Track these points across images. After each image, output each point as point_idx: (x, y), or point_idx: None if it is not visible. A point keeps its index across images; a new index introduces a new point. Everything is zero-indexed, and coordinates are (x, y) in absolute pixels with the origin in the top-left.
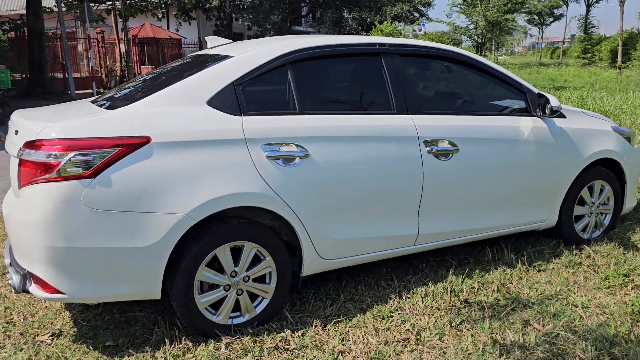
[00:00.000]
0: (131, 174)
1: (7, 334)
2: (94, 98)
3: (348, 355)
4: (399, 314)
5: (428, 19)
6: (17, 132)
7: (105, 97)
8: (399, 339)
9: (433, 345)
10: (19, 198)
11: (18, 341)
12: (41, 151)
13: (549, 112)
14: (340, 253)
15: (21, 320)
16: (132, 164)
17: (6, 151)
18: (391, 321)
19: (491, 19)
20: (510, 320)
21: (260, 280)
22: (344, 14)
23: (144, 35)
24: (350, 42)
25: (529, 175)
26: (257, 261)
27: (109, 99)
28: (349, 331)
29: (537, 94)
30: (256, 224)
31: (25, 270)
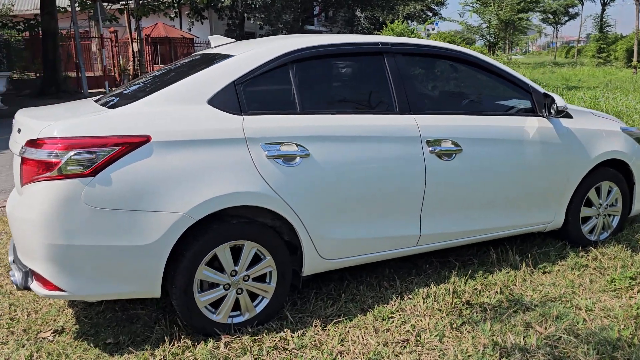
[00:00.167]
0: (131, 172)
1: (10, 330)
2: (97, 97)
3: (347, 355)
4: (400, 314)
5: (441, 18)
6: (20, 131)
7: (108, 95)
8: (398, 340)
9: (433, 346)
10: (21, 196)
11: (21, 337)
12: (42, 149)
13: (554, 112)
14: (341, 253)
15: (25, 316)
16: (132, 162)
17: (10, 149)
18: (391, 322)
19: (504, 18)
20: (511, 323)
21: (261, 279)
22: (357, 13)
23: (156, 34)
24: (352, 42)
25: (534, 175)
26: (257, 260)
27: (111, 97)
28: (348, 332)
29: (542, 93)
30: (256, 224)
31: (27, 267)
